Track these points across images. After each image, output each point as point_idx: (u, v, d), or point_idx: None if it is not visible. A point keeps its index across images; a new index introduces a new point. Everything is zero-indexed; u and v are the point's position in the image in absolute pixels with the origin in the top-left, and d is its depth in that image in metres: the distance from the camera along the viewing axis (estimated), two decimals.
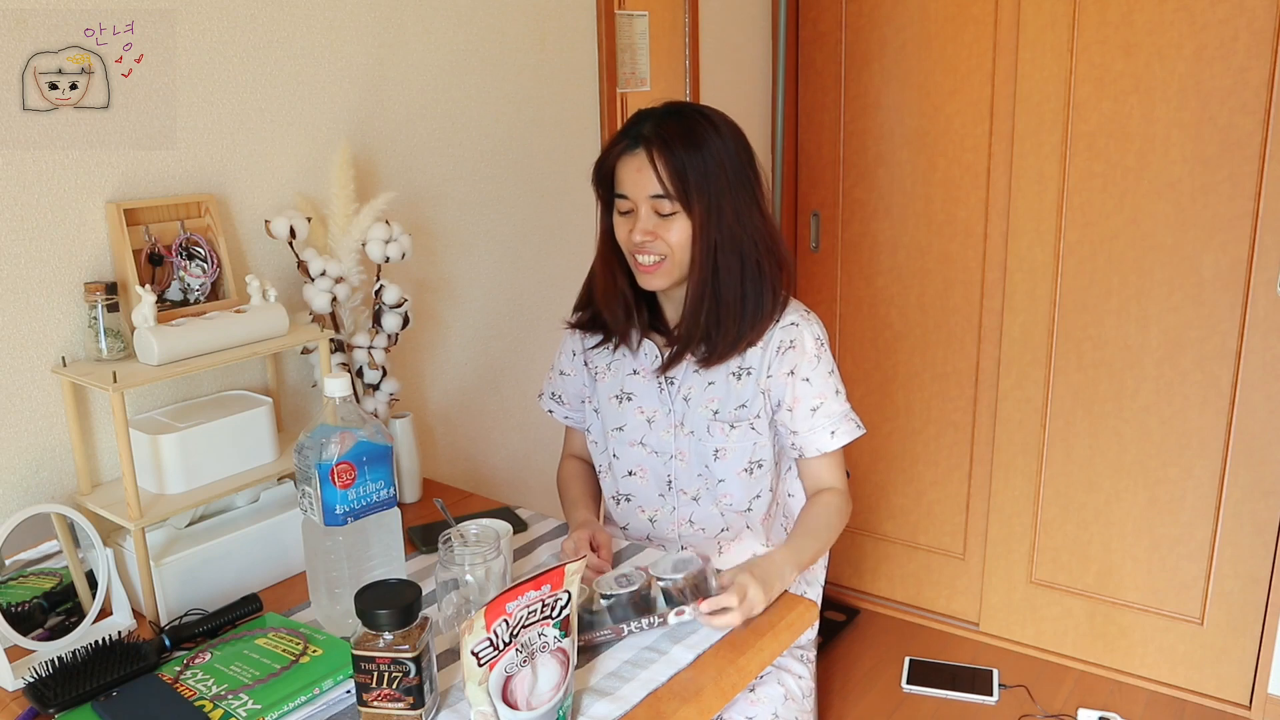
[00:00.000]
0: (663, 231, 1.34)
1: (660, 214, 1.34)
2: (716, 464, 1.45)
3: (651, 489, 1.51)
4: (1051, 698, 2.41)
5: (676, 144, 1.32)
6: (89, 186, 1.27)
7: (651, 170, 1.32)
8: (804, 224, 2.77)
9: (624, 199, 1.37)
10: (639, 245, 1.36)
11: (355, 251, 1.49)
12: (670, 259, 1.36)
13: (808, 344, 1.41)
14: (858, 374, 2.75)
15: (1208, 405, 2.24)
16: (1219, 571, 2.29)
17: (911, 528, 2.76)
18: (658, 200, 1.34)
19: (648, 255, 1.36)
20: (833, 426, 1.42)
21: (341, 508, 1.10)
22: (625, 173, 1.36)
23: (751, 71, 2.58)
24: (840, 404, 1.43)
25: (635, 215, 1.36)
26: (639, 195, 1.35)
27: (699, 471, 1.47)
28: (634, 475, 1.51)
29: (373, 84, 1.60)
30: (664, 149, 1.32)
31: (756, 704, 1.37)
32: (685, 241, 1.35)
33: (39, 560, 1.16)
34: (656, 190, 1.33)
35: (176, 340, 1.22)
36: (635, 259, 1.38)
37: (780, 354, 1.41)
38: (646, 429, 1.48)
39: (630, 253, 1.39)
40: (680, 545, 1.51)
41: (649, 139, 1.33)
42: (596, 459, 1.57)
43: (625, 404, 1.49)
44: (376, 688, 0.94)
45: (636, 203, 1.35)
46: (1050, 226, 2.36)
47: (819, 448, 1.43)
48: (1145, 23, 2.16)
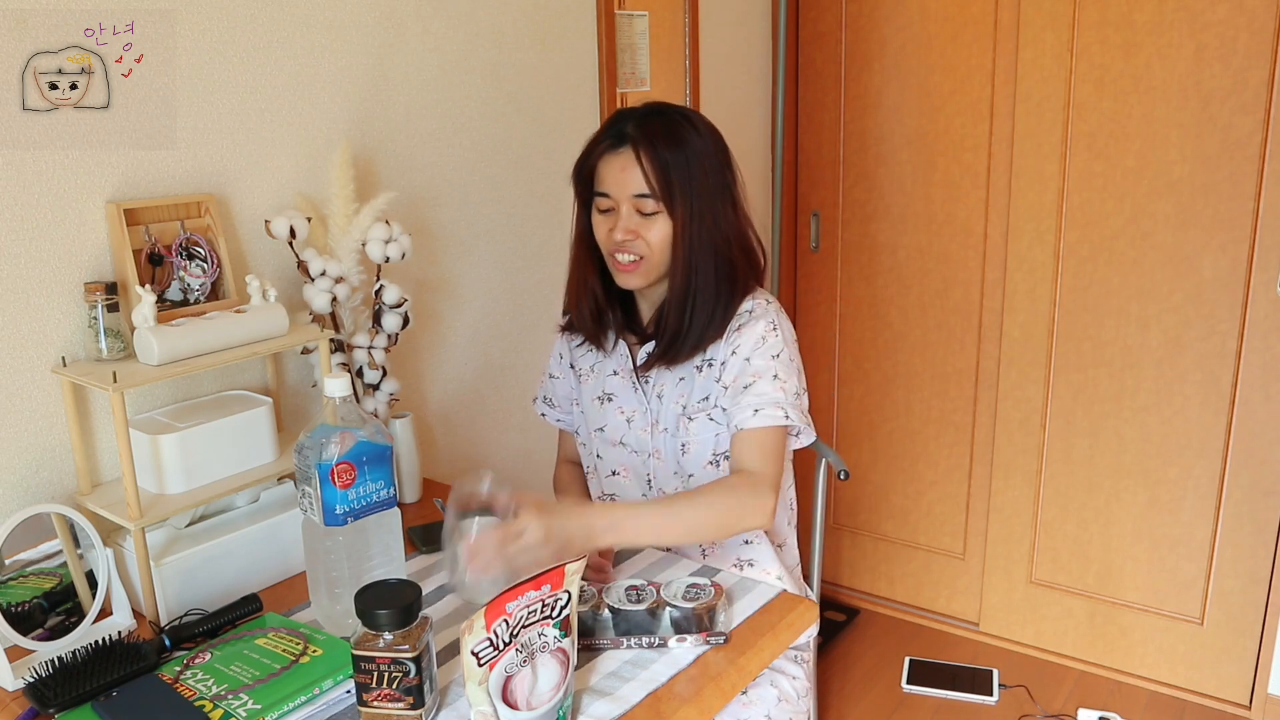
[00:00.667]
0: (644, 231, 1.35)
1: (642, 213, 1.35)
2: (684, 459, 1.45)
3: (634, 488, 1.51)
4: (1051, 698, 2.41)
5: (660, 143, 1.32)
6: (89, 186, 1.27)
7: (637, 169, 1.33)
8: (804, 224, 2.77)
9: (605, 197, 1.37)
10: (619, 244, 1.36)
11: (355, 251, 1.49)
12: (649, 259, 1.36)
13: (758, 327, 1.38)
14: (858, 374, 2.75)
15: (1208, 405, 2.24)
16: (1219, 571, 2.29)
17: (911, 528, 2.76)
18: (641, 199, 1.34)
19: (626, 254, 1.36)
20: (758, 405, 1.33)
21: (341, 508, 1.10)
22: (608, 171, 1.36)
23: (751, 71, 2.58)
24: (775, 390, 1.34)
25: (616, 214, 1.36)
26: (622, 194, 1.35)
27: (674, 469, 1.47)
28: (617, 475, 1.52)
29: (373, 84, 1.60)
30: (649, 148, 1.32)
31: (749, 706, 1.36)
32: (664, 241, 1.35)
33: (39, 560, 1.16)
34: (641, 189, 1.33)
35: (176, 340, 1.22)
36: (614, 258, 1.38)
37: (729, 338, 1.40)
38: (626, 429, 1.48)
39: (609, 252, 1.39)
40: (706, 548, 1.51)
41: (634, 138, 1.33)
42: (584, 460, 1.58)
43: (606, 404, 1.50)
44: (376, 688, 0.94)
45: (618, 201, 1.35)
46: (1050, 226, 2.36)
47: (738, 424, 1.34)
48: (1145, 23, 2.16)
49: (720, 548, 1.50)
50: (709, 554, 1.50)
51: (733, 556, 1.49)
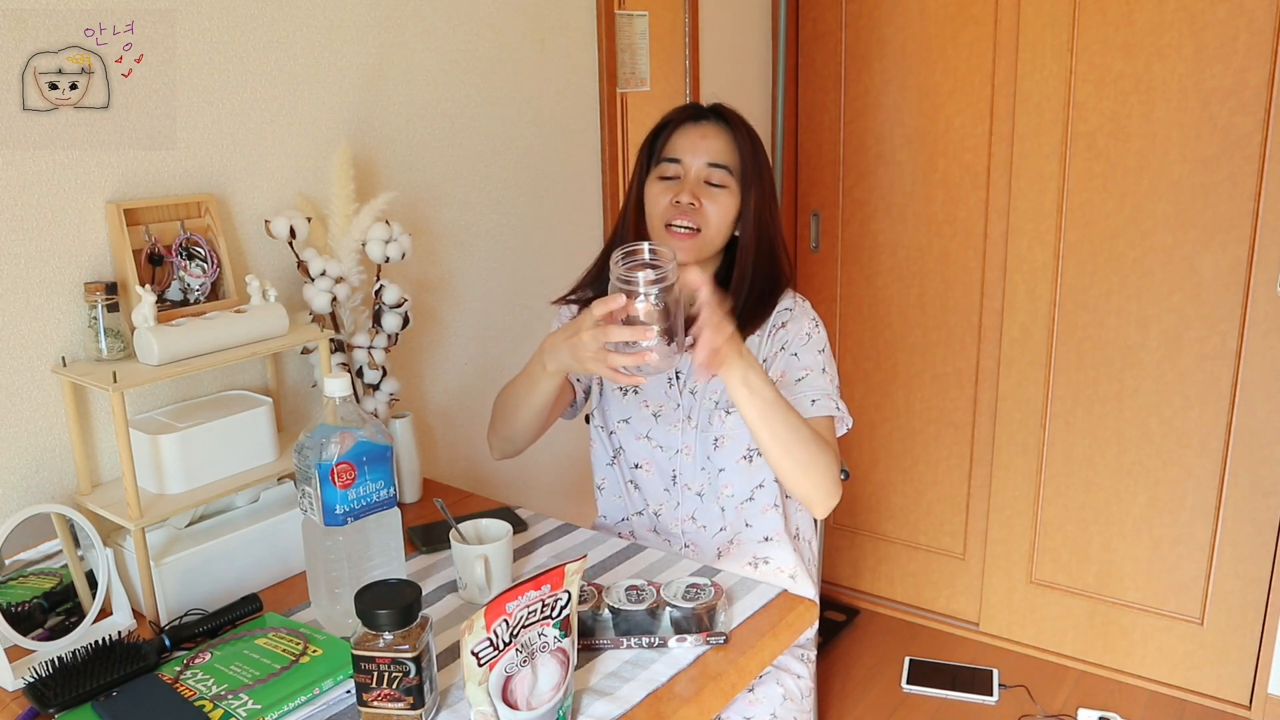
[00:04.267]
0: (707, 202, 1.36)
1: (710, 183, 1.37)
2: (716, 453, 1.45)
3: (656, 483, 1.51)
4: (1051, 698, 2.41)
5: (742, 125, 1.41)
6: (89, 186, 1.27)
7: (719, 138, 1.38)
8: (804, 224, 2.77)
9: (674, 163, 1.39)
10: (681, 209, 1.36)
11: (355, 251, 1.49)
12: (704, 233, 1.37)
13: (802, 324, 1.43)
14: (858, 374, 2.75)
15: (1208, 405, 2.24)
16: (1219, 571, 2.29)
17: (911, 528, 2.76)
18: (714, 169, 1.37)
19: (685, 221, 1.36)
20: (814, 396, 1.40)
21: (341, 508, 1.10)
22: (686, 138, 1.39)
23: (751, 71, 2.58)
24: (826, 383, 1.41)
25: (682, 182, 1.37)
26: (696, 160, 1.37)
27: (702, 465, 1.47)
28: (640, 468, 1.52)
29: (373, 84, 1.60)
30: (734, 125, 1.40)
31: (755, 704, 1.37)
32: (724, 219, 1.37)
33: (39, 560, 1.16)
34: (718, 159, 1.37)
35: (176, 340, 1.22)
36: (671, 228, 1.37)
37: (772, 335, 1.43)
38: (652, 423, 1.48)
39: (666, 222, 1.38)
40: (685, 544, 1.51)
41: (719, 114, 1.41)
42: (602, 444, 1.56)
43: (631, 396, 1.50)
44: (376, 688, 0.94)
45: (689, 168, 1.38)
46: (1050, 226, 2.36)
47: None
48: (1145, 23, 2.16)
49: (736, 546, 1.50)
50: (724, 554, 1.50)
51: (748, 554, 1.50)
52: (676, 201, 1.36)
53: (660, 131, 1.43)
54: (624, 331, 1.09)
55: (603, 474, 1.58)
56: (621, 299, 1.09)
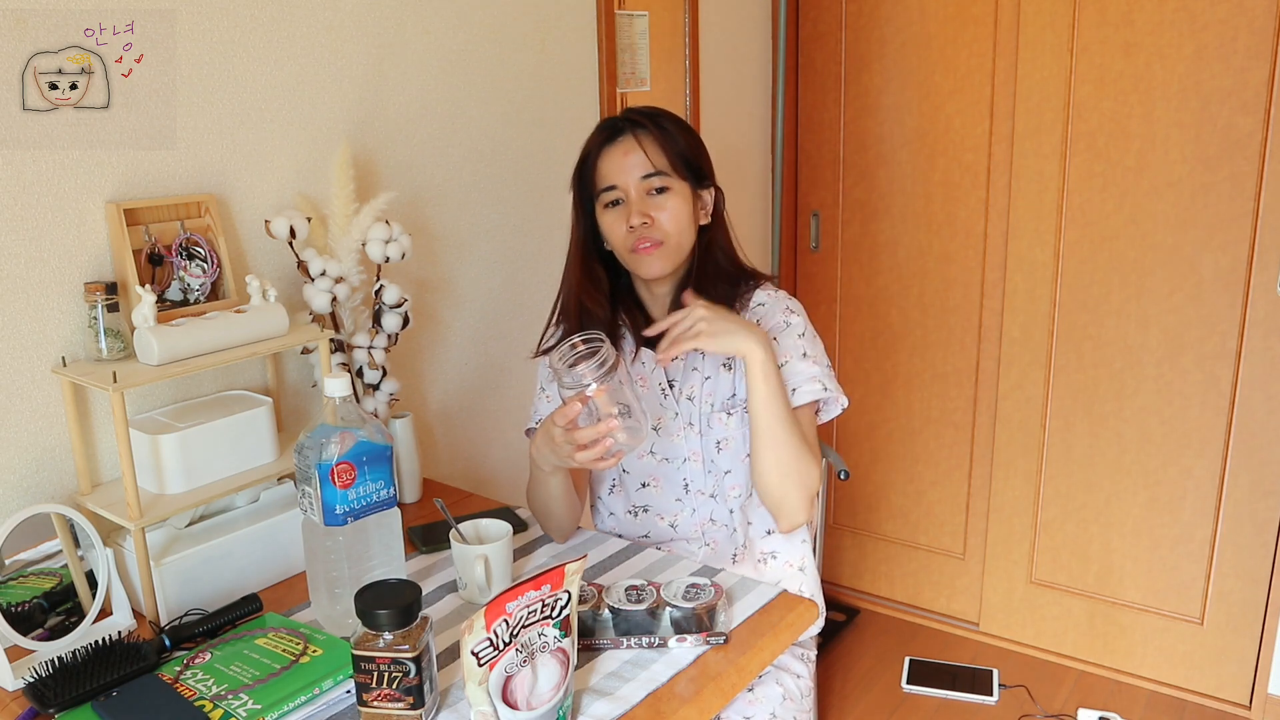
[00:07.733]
0: (658, 212, 1.36)
1: (654, 192, 1.36)
2: (720, 455, 1.45)
3: (668, 496, 1.50)
4: (1051, 698, 2.41)
5: (654, 124, 1.38)
6: (89, 186, 1.27)
7: (639, 151, 1.36)
8: (804, 224, 2.77)
9: (612, 190, 1.37)
10: (637, 231, 1.36)
11: (355, 251, 1.49)
12: (668, 241, 1.37)
13: (775, 316, 1.42)
14: (858, 374, 2.75)
15: (1208, 405, 2.24)
16: (1219, 571, 2.30)
17: (911, 528, 2.76)
18: (649, 179, 1.36)
19: (646, 240, 1.36)
20: (794, 384, 1.37)
21: (341, 508, 1.10)
22: (610, 163, 1.37)
23: (751, 71, 2.58)
24: (807, 366, 1.38)
25: (627, 205, 1.37)
26: (629, 180, 1.36)
27: (709, 469, 1.47)
28: (648, 486, 1.50)
29: (373, 84, 1.60)
30: (646, 130, 1.37)
31: (754, 704, 1.36)
32: (680, 217, 1.37)
33: (39, 560, 1.16)
34: (646, 169, 1.36)
35: (176, 340, 1.22)
36: (635, 251, 1.37)
37: None
38: (654, 437, 1.48)
39: (629, 248, 1.37)
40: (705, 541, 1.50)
41: (629, 125, 1.38)
42: (600, 479, 1.55)
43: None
44: (376, 688, 0.94)
45: (627, 188, 1.36)
46: (1050, 226, 2.36)
47: None
48: (1145, 23, 2.16)
49: (748, 544, 1.50)
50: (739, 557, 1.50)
51: (756, 551, 1.49)
52: (631, 226, 1.36)
53: (584, 163, 1.41)
54: (589, 433, 1.16)
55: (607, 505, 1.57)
56: (576, 405, 1.16)
